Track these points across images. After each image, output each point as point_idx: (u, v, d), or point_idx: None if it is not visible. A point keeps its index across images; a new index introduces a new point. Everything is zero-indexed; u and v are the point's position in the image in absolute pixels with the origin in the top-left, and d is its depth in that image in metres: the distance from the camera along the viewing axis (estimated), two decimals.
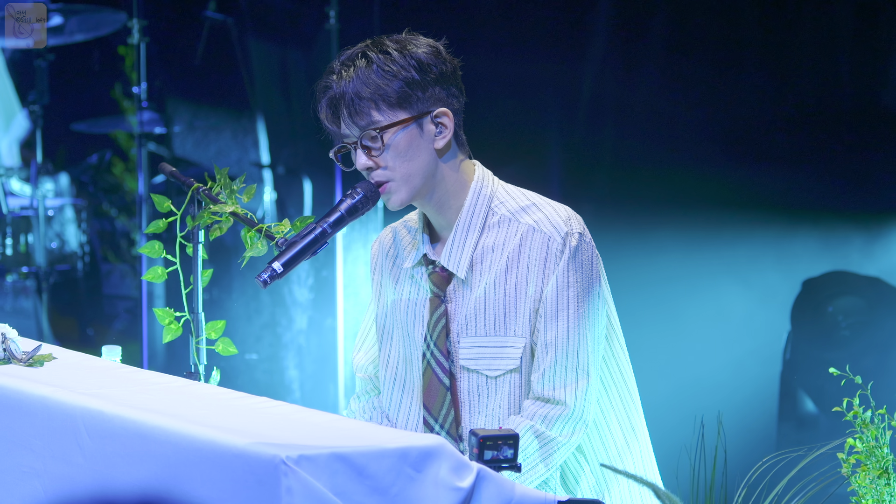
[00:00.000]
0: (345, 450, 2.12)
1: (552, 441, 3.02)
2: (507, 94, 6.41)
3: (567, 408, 3.02)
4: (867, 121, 6.04)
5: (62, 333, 6.95)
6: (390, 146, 3.00)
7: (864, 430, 2.64)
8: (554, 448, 3.03)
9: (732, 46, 6.25)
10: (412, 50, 3.01)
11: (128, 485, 2.26)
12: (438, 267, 3.11)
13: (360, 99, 2.99)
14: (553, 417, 3.02)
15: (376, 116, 3.00)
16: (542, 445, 3.02)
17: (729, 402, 6.07)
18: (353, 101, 2.99)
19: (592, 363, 3.05)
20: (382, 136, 2.99)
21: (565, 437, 3.03)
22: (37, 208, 6.58)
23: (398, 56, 3.00)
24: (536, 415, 3.03)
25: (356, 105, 2.99)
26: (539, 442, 3.02)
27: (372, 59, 3.00)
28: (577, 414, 3.03)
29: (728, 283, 6.24)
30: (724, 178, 6.27)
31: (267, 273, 2.87)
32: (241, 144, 7.35)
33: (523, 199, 3.11)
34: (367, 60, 3.00)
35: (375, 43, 3.03)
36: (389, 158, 3.01)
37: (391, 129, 3.00)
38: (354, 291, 6.49)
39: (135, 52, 6.47)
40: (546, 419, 3.02)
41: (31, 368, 2.66)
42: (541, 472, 3.03)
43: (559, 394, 3.02)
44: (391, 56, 3.00)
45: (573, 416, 3.03)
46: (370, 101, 2.99)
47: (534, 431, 3.01)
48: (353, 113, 2.99)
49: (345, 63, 3.02)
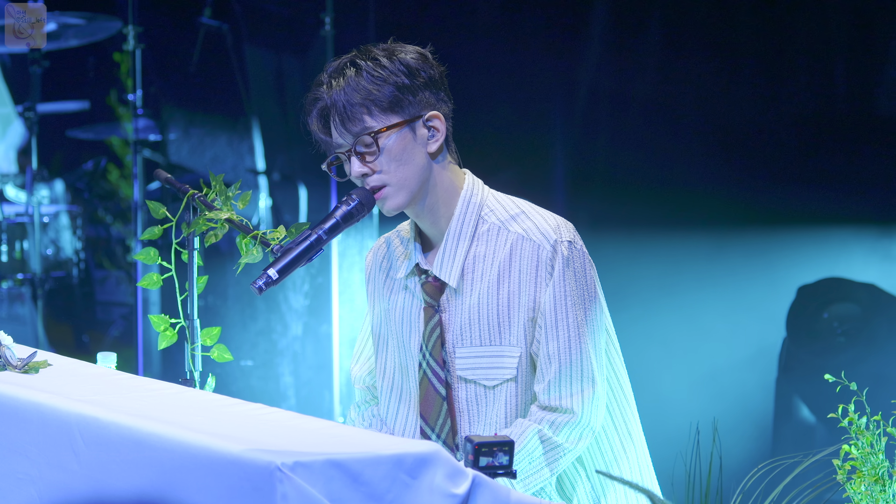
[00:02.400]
0: (340, 456, 2.11)
1: (558, 447, 3.03)
2: (503, 98, 6.41)
3: (575, 415, 3.03)
4: (862, 126, 6.05)
5: (57, 340, 6.94)
6: (384, 151, 3.01)
7: (860, 436, 2.64)
8: (560, 454, 3.03)
9: (728, 52, 6.26)
10: (400, 56, 3.02)
11: (123, 492, 2.26)
12: (431, 276, 3.11)
13: (352, 105, 2.99)
14: (560, 424, 3.02)
15: (369, 122, 3.00)
16: (548, 450, 3.02)
17: (724, 409, 6.07)
18: (345, 109, 2.99)
19: (597, 369, 3.05)
20: (377, 140, 3.00)
21: (572, 443, 3.03)
22: (32, 215, 6.57)
23: (387, 62, 3.01)
24: (544, 420, 3.03)
25: (348, 112, 2.99)
26: (544, 447, 3.02)
27: (361, 67, 3.01)
28: (584, 421, 3.03)
29: (722, 288, 6.24)
30: (718, 185, 6.27)
31: (262, 280, 2.88)
32: (237, 151, 7.35)
33: (513, 208, 3.11)
34: (357, 68, 3.01)
35: (363, 52, 3.04)
36: (384, 163, 3.02)
37: (385, 133, 3.00)
38: (350, 298, 6.49)
39: (130, 58, 6.47)
40: (553, 424, 3.02)
41: (27, 375, 2.66)
42: (545, 475, 3.03)
43: (566, 402, 3.03)
44: (380, 62, 3.01)
45: (581, 423, 3.03)
46: (362, 106, 2.99)
47: (540, 436, 3.02)
48: (346, 120, 3.00)
49: (333, 74, 3.03)
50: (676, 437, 3.07)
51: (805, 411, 5.94)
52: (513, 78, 6.40)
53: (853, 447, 2.64)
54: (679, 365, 6.29)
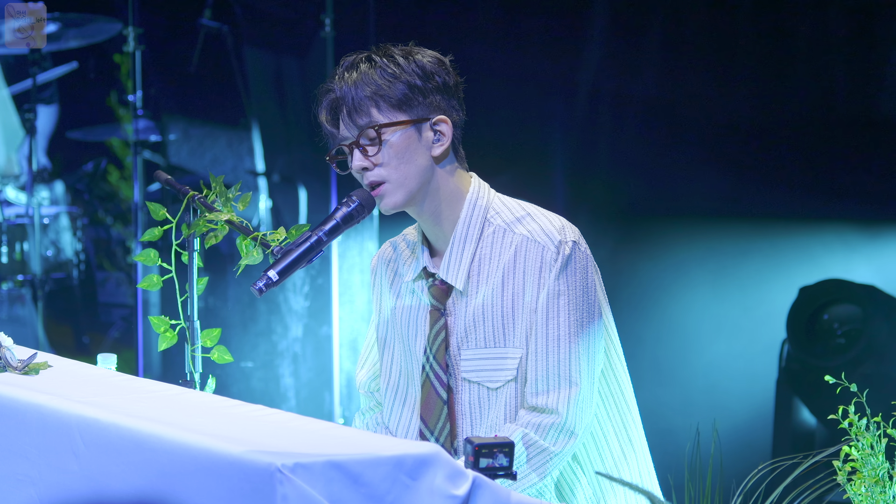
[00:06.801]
0: (340, 458, 2.11)
1: (544, 451, 3.02)
2: (503, 99, 6.41)
3: (560, 416, 3.01)
4: (863, 127, 6.05)
5: (58, 341, 6.95)
6: (387, 146, 3.01)
7: (860, 437, 2.64)
8: (547, 458, 3.02)
9: (728, 53, 6.26)
10: (417, 57, 3.04)
11: (123, 493, 2.26)
12: (438, 280, 3.11)
13: (361, 98, 3.00)
14: (546, 426, 3.01)
15: (376, 115, 3.01)
16: (534, 454, 3.02)
17: (724, 410, 6.07)
18: (353, 101, 3.01)
19: (584, 372, 3.03)
20: (381, 134, 3.00)
21: (559, 447, 3.02)
22: (32, 216, 6.57)
23: (402, 61, 3.03)
24: (530, 423, 3.02)
25: (357, 104, 3.00)
26: (529, 451, 3.01)
27: (376, 62, 3.03)
28: (568, 424, 3.02)
29: (723, 290, 6.25)
30: (718, 185, 6.28)
31: (262, 281, 2.88)
32: (237, 152, 7.36)
33: (519, 210, 3.11)
34: (372, 63, 3.03)
35: (381, 49, 3.06)
36: (386, 159, 3.02)
37: (390, 128, 3.00)
38: (350, 299, 6.49)
39: (130, 60, 6.47)
40: (539, 428, 3.01)
41: (27, 377, 2.66)
42: (532, 480, 3.02)
43: (543, 400, 3.01)
44: (396, 60, 3.03)
45: (565, 426, 3.02)
46: (371, 99, 3.00)
47: (525, 440, 3.01)
48: (353, 111, 3.01)
49: (348, 67, 3.05)
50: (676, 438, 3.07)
51: (805, 412, 5.94)
52: (513, 79, 6.41)
53: (853, 448, 2.64)
54: (679, 366, 6.29)
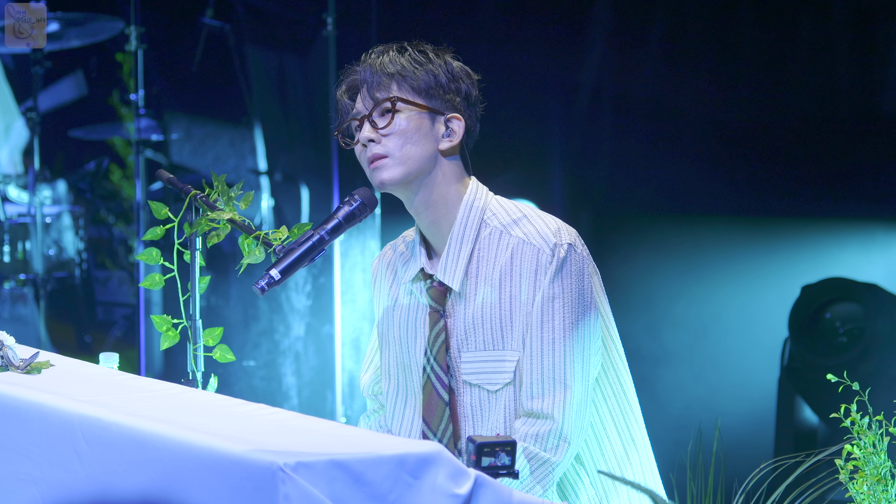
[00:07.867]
0: (342, 457, 2.11)
1: (546, 462, 3.00)
2: (503, 99, 6.40)
3: (556, 422, 2.99)
4: (865, 125, 6.05)
5: (60, 340, 6.95)
6: (398, 123, 3.03)
7: (862, 436, 2.64)
8: (549, 469, 3.00)
9: (729, 52, 6.26)
10: (448, 59, 3.09)
11: (125, 492, 2.26)
12: (436, 281, 3.11)
13: (384, 75, 3.03)
14: (544, 434, 3.00)
15: (395, 91, 3.03)
16: (537, 467, 3.00)
17: (726, 409, 6.07)
18: (376, 76, 3.04)
19: (577, 376, 3.01)
20: (395, 109, 3.02)
21: (559, 455, 3.00)
22: (34, 215, 6.57)
23: (433, 56, 3.08)
24: (528, 435, 3.00)
25: (378, 79, 3.04)
26: (532, 464, 3.00)
27: (406, 49, 3.07)
28: (565, 431, 3.01)
29: (724, 289, 6.25)
30: (719, 185, 6.27)
31: (264, 280, 2.88)
32: (239, 151, 7.35)
33: (515, 212, 3.11)
34: (402, 50, 3.07)
35: (415, 43, 3.10)
36: (393, 135, 3.03)
37: (406, 105, 3.02)
38: (352, 298, 6.49)
39: (132, 58, 6.47)
40: (538, 438, 3.00)
41: (29, 375, 2.66)
42: (537, 492, 3.02)
43: (538, 404, 3.00)
44: (427, 54, 3.08)
45: (562, 432, 3.00)
46: (393, 77, 3.04)
47: (526, 454, 2.99)
48: (373, 86, 3.04)
49: (379, 52, 3.08)
50: (679, 436, 3.07)
51: (807, 411, 5.94)
52: (513, 78, 6.40)
53: (855, 447, 2.64)
54: (681, 365, 6.29)
